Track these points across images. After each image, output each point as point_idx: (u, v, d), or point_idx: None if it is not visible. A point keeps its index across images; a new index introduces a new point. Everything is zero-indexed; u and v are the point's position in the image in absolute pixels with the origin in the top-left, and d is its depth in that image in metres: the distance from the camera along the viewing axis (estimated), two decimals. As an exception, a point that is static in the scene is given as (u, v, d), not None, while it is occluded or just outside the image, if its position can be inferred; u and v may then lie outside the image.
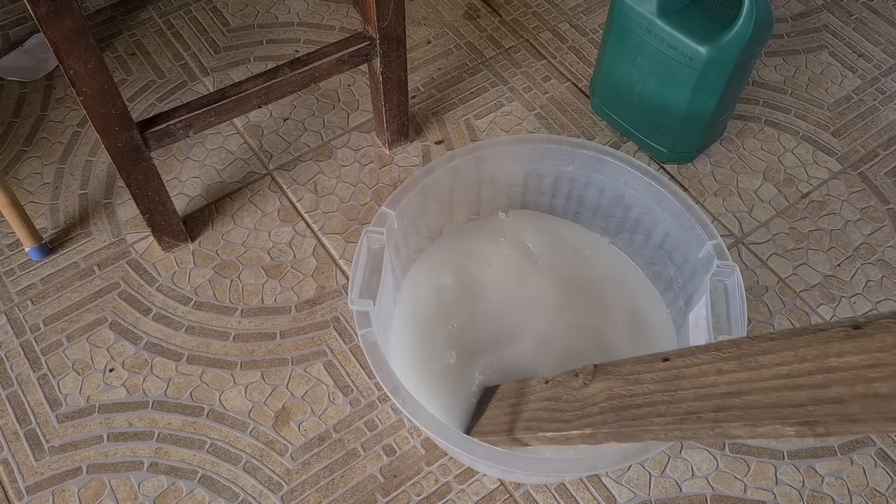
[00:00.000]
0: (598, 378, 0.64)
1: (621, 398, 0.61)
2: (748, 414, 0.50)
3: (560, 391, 0.69)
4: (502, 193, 0.96)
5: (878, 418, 0.43)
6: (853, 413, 0.44)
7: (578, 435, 0.64)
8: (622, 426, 0.60)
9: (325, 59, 0.93)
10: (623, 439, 0.61)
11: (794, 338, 0.48)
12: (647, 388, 0.59)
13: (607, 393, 0.62)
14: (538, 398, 0.72)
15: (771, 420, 0.48)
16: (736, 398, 0.51)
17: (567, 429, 0.65)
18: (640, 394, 0.59)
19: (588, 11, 1.30)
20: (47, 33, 0.71)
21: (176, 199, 1.06)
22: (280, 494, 0.84)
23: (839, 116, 1.17)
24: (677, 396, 0.56)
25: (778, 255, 1.03)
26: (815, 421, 0.46)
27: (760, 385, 0.50)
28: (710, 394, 0.53)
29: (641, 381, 0.60)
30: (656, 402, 0.57)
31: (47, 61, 1.20)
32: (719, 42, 0.92)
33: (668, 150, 1.08)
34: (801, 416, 0.47)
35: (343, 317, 0.96)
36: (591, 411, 0.63)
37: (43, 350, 0.93)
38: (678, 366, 0.57)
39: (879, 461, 0.87)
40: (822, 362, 0.46)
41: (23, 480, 0.84)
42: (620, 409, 0.60)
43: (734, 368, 0.52)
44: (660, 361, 0.59)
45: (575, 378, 0.67)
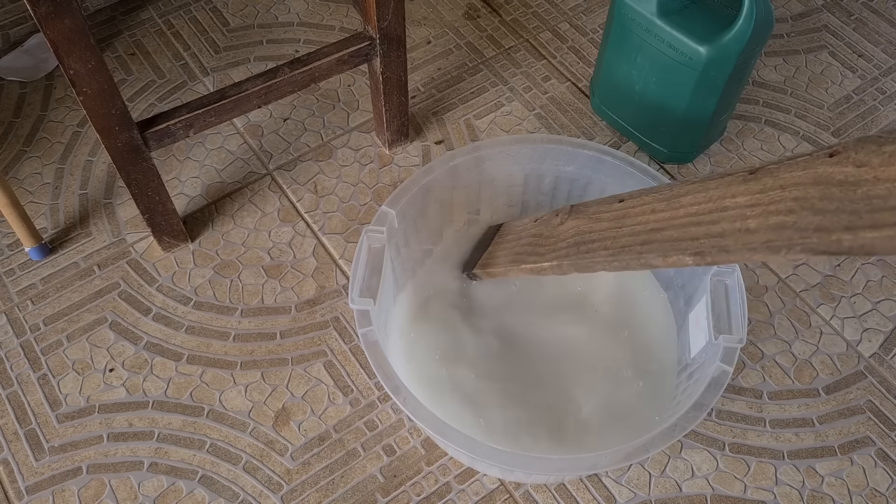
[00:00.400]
0: (573, 216, 0.74)
1: (582, 234, 0.70)
2: (662, 247, 0.58)
3: (542, 228, 0.79)
4: (502, 193, 0.96)
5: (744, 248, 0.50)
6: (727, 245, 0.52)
7: (549, 266, 0.73)
8: (579, 258, 0.69)
9: (325, 59, 0.93)
10: (580, 269, 0.70)
11: (709, 181, 0.57)
12: (602, 226, 0.68)
13: (575, 230, 0.72)
14: (526, 234, 0.82)
15: (676, 252, 0.57)
16: (658, 233, 0.60)
17: (541, 261, 0.74)
18: (597, 230, 0.68)
19: (588, 11, 1.30)
20: (47, 33, 0.71)
21: (176, 199, 1.06)
22: (280, 494, 0.84)
23: (839, 116, 1.17)
24: (620, 233, 0.64)
25: (778, 255, 1.03)
26: (704, 251, 0.54)
27: (676, 222, 0.58)
28: (642, 230, 0.62)
29: (600, 219, 0.69)
30: (605, 237, 0.66)
31: (47, 61, 1.20)
32: (719, 42, 0.92)
33: (667, 150, 1.08)
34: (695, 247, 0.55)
35: (343, 317, 0.96)
36: (559, 246, 0.73)
37: (43, 350, 0.93)
38: (627, 206, 0.66)
39: (879, 461, 0.87)
40: (720, 202, 0.54)
41: (23, 480, 0.84)
42: (580, 244, 0.70)
43: (663, 209, 0.61)
44: (617, 202, 0.68)
45: (555, 217, 0.77)
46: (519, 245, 0.82)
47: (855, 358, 0.95)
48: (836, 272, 1.02)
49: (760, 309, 0.98)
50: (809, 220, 0.46)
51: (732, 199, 0.53)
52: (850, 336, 0.96)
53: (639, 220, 0.63)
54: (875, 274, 1.02)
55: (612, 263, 0.64)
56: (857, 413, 0.91)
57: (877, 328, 0.97)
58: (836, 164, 0.46)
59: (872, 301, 0.99)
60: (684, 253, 0.56)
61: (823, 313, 0.98)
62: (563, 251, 0.72)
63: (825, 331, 0.97)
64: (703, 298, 0.81)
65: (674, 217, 0.59)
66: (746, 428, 0.89)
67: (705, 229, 0.54)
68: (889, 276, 1.01)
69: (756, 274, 1.01)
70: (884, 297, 1.00)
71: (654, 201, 0.62)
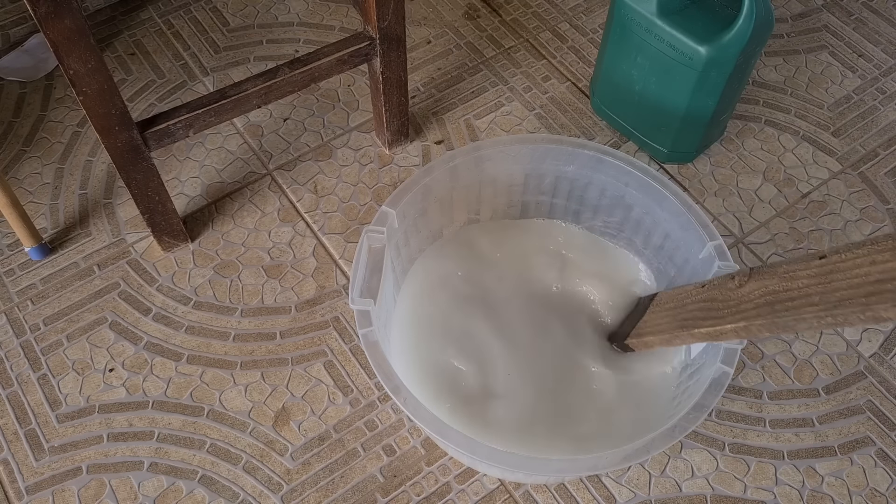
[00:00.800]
0: (754, 278, 0.68)
1: (776, 293, 0.64)
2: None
3: (716, 293, 0.73)
4: (502, 193, 0.96)
5: None
6: None
7: (732, 329, 0.68)
8: (775, 317, 0.63)
9: (325, 59, 0.93)
10: (776, 330, 0.64)
11: None
12: (802, 283, 0.62)
13: (762, 290, 0.66)
14: (694, 300, 0.76)
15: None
16: (887, 283, 0.54)
17: (722, 324, 0.69)
18: (795, 288, 0.62)
19: (588, 11, 1.30)
20: (47, 33, 0.71)
21: (176, 199, 1.06)
22: (280, 494, 0.84)
23: (839, 116, 1.17)
24: (831, 287, 0.59)
25: (778, 255, 1.03)
26: None
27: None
28: (863, 282, 0.56)
29: (797, 277, 0.62)
30: (810, 293, 0.60)
31: (47, 61, 1.20)
32: (719, 42, 0.92)
33: (668, 150, 1.08)
34: None
35: (343, 317, 0.96)
36: (745, 307, 0.67)
37: (43, 350, 0.93)
38: (834, 261, 0.60)
39: (879, 461, 0.87)
40: None
41: (23, 480, 0.84)
42: (774, 303, 0.64)
43: (888, 259, 0.54)
44: (816, 259, 0.62)
45: (731, 280, 0.70)
46: (686, 311, 0.77)
47: (855, 358, 0.95)
48: (836, 272, 1.02)
49: (760, 309, 0.98)
50: None
51: None
52: (850, 336, 0.96)
53: (854, 272, 0.57)
54: (875, 274, 1.01)
55: (825, 319, 0.59)
56: (857, 413, 0.91)
57: (877, 328, 0.97)
58: None
59: (872, 301, 0.99)
60: None
61: (823, 313, 0.98)
62: (752, 311, 0.66)
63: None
64: (703, 298, 0.81)
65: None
66: (746, 428, 0.89)
67: None
68: (889, 276, 1.01)
69: (756, 274, 1.01)
70: (884, 297, 1.00)
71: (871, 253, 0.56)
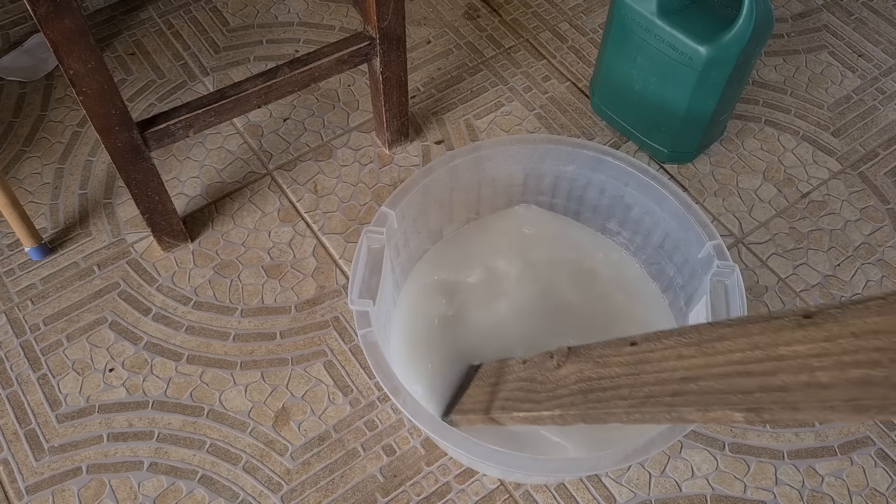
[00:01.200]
0: (572, 360, 0.66)
1: (589, 381, 0.62)
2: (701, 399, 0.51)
3: (535, 372, 0.70)
4: (502, 193, 0.96)
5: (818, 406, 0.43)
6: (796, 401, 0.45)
7: (549, 416, 0.66)
8: (588, 408, 0.61)
9: (325, 59, 0.93)
10: (589, 421, 0.62)
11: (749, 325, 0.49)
12: (614, 372, 0.60)
13: (577, 375, 0.64)
14: (515, 378, 0.73)
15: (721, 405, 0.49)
16: (692, 383, 0.52)
17: (539, 409, 0.67)
18: (607, 377, 0.60)
19: (588, 11, 1.30)
20: (47, 33, 0.71)
21: (176, 199, 1.06)
22: (280, 494, 0.84)
23: (839, 116, 1.17)
24: (639, 380, 0.57)
25: (778, 254, 1.03)
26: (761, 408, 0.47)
27: (715, 371, 0.51)
28: (669, 378, 0.54)
29: (609, 363, 0.61)
30: (620, 385, 0.59)
31: (47, 61, 1.20)
32: (719, 42, 0.92)
33: (667, 150, 1.08)
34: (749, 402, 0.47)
35: (343, 317, 0.96)
36: (561, 393, 0.65)
37: (43, 350, 0.93)
38: (643, 350, 0.58)
39: (879, 461, 0.87)
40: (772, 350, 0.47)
41: (23, 480, 0.84)
42: (588, 391, 0.62)
43: (693, 354, 0.53)
44: (627, 345, 0.60)
45: (550, 360, 0.68)
46: (507, 390, 0.74)
47: (855, 358, 0.94)
48: (836, 272, 1.02)
49: (760, 309, 0.98)
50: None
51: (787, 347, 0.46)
52: (849, 336, 0.96)
53: (662, 366, 0.55)
54: (875, 274, 1.02)
55: (633, 416, 0.57)
56: (856, 413, 0.90)
57: (877, 328, 0.97)
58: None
59: (872, 301, 0.99)
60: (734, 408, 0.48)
61: (823, 313, 0.98)
62: (567, 399, 0.64)
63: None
64: (702, 299, 0.81)
65: (710, 365, 0.51)
66: (746, 428, 0.89)
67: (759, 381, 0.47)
68: (889, 276, 1.01)
69: (756, 274, 1.01)
70: (884, 297, 0.99)
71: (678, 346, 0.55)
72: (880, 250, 1.04)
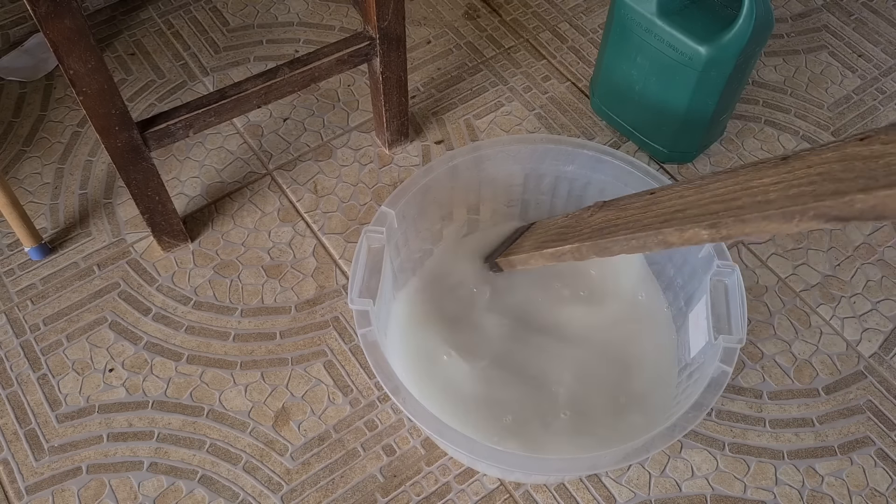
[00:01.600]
0: (604, 209, 0.76)
1: (610, 220, 0.72)
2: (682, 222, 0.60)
3: (572, 221, 0.81)
4: (502, 193, 0.96)
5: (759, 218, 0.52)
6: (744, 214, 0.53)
7: (569, 249, 0.76)
8: (599, 239, 0.71)
9: (325, 59, 0.93)
10: (598, 251, 0.71)
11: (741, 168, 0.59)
12: (629, 213, 0.70)
13: (602, 218, 0.74)
14: (555, 227, 0.84)
15: (692, 225, 0.58)
16: (680, 213, 0.62)
17: (563, 245, 0.77)
18: (623, 216, 0.70)
19: (588, 11, 1.30)
20: (47, 33, 0.71)
21: (176, 199, 1.06)
22: (280, 494, 0.84)
23: (839, 116, 1.17)
24: (645, 215, 0.67)
25: (778, 254, 1.03)
26: (720, 223, 0.56)
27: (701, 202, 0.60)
28: (665, 212, 0.64)
29: (629, 208, 0.71)
30: (629, 221, 0.68)
31: (47, 61, 1.20)
32: (719, 42, 0.92)
33: (667, 150, 1.08)
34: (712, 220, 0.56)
35: (343, 317, 0.96)
36: (585, 231, 0.75)
37: (43, 350, 0.93)
38: (657, 195, 0.68)
39: (879, 461, 0.87)
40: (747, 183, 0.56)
41: (23, 480, 0.84)
42: (604, 227, 0.72)
43: (691, 194, 0.63)
44: (647, 194, 0.70)
45: (587, 211, 0.79)
46: (546, 235, 0.85)
47: (855, 358, 0.95)
48: (836, 272, 1.02)
49: (760, 309, 0.98)
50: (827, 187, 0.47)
51: (759, 180, 0.55)
52: (850, 336, 0.96)
53: (665, 205, 0.65)
54: (875, 274, 1.02)
55: (631, 242, 0.66)
56: (856, 413, 0.91)
57: (877, 328, 0.97)
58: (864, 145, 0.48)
59: (872, 301, 0.99)
60: (700, 225, 0.57)
61: (823, 313, 0.98)
62: (587, 235, 0.74)
63: (825, 331, 0.97)
64: (702, 298, 0.81)
65: (699, 199, 0.61)
66: (746, 428, 0.89)
67: (726, 205, 0.56)
68: (889, 276, 1.01)
69: (756, 274, 1.01)
70: (884, 297, 1.00)
71: (683, 189, 0.64)
72: (880, 250, 1.04)
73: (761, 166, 0.56)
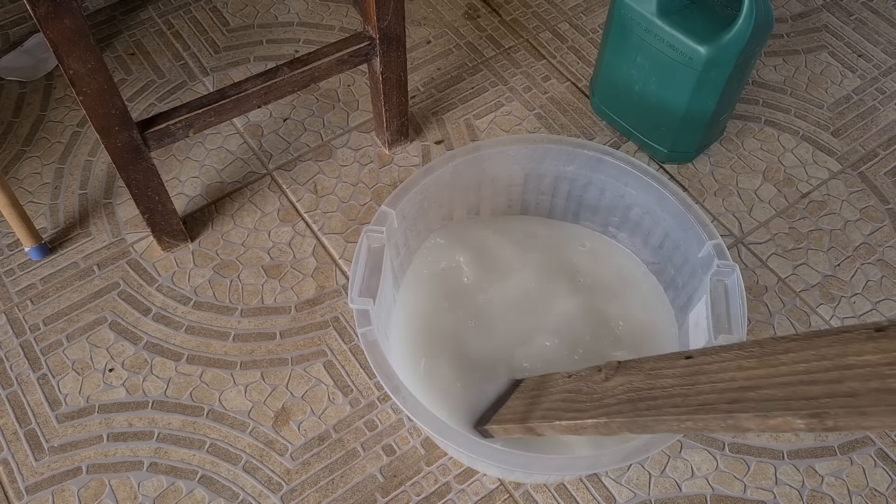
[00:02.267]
0: (621, 373, 0.66)
1: (640, 391, 0.62)
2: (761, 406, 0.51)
3: (581, 384, 0.71)
4: (502, 193, 0.96)
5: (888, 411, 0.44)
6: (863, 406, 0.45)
7: (593, 424, 0.65)
8: (637, 415, 0.61)
9: (324, 59, 0.93)
10: (636, 429, 0.62)
11: (817, 338, 0.49)
12: (667, 383, 0.60)
13: (627, 386, 0.64)
14: (559, 390, 0.74)
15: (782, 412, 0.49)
16: (751, 392, 0.52)
17: (583, 417, 0.67)
18: (659, 387, 0.60)
19: (588, 11, 1.30)
20: (47, 33, 0.71)
21: (176, 199, 1.06)
22: (280, 494, 0.84)
23: (839, 116, 1.17)
24: (694, 390, 0.57)
25: (778, 254, 1.03)
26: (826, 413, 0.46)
27: (777, 380, 0.51)
28: (727, 388, 0.54)
29: (662, 375, 0.61)
30: (673, 395, 0.59)
31: (47, 61, 1.20)
32: (719, 42, 0.92)
33: (667, 150, 1.08)
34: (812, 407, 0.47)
35: (343, 316, 0.96)
36: (608, 402, 0.65)
37: (43, 350, 0.93)
38: (700, 363, 0.58)
39: (879, 461, 0.87)
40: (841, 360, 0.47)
41: (23, 480, 0.84)
42: (637, 400, 0.62)
43: (754, 366, 0.53)
44: (683, 359, 0.60)
45: (598, 373, 0.69)
46: (549, 401, 0.74)
47: (855, 358, 0.94)
48: (836, 272, 1.02)
49: (760, 309, 0.98)
50: None
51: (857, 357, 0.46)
52: (849, 336, 0.96)
53: (720, 377, 0.56)
54: (875, 274, 1.02)
55: (686, 423, 0.57)
56: (856, 413, 0.90)
57: (877, 328, 0.97)
58: None
59: (872, 301, 0.99)
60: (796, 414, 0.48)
61: (823, 313, 0.98)
62: (615, 407, 0.64)
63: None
64: (702, 298, 0.81)
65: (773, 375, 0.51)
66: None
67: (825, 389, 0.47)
68: (889, 276, 1.01)
69: (756, 274, 1.01)
70: (883, 297, 1.00)
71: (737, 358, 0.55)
72: (880, 250, 1.04)
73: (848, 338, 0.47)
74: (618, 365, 0.67)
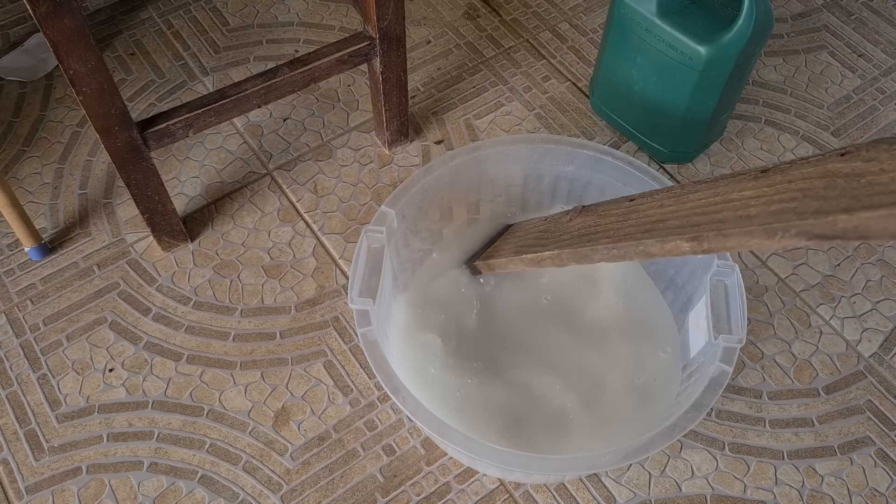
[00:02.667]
0: (582, 215, 0.76)
1: (588, 227, 0.72)
2: (662, 233, 0.60)
3: (551, 225, 0.81)
4: (502, 193, 0.96)
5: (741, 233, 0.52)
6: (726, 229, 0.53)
7: (549, 255, 0.75)
8: (580, 246, 0.71)
9: (324, 59, 0.93)
10: (579, 259, 0.71)
11: (720, 180, 0.59)
12: (608, 220, 0.70)
13: (581, 224, 0.74)
14: (534, 230, 0.84)
15: (674, 237, 0.58)
16: (661, 223, 0.62)
17: (542, 251, 0.76)
18: (602, 223, 0.70)
19: (588, 11, 1.30)
20: (47, 33, 0.71)
21: (175, 199, 1.06)
22: (280, 494, 0.84)
23: (839, 116, 1.17)
24: (625, 224, 0.66)
25: (778, 254, 1.03)
26: (701, 236, 0.56)
27: (681, 213, 0.61)
28: (646, 222, 0.64)
29: (608, 215, 0.71)
30: (609, 229, 0.68)
31: (47, 61, 1.20)
32: (719, 42, 0.92)
33: (667, 150, 1.08)
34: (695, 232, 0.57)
35: (343, 317, 0.96)
36: (564, 238, 0.75)
37: (43, 350, 0.93)
38: (637, 203, 0.68)
39: (879, 461, 0.87)
40: (727, 196, 0.57)
41: (23, 480, 0.84)
42: (584, 235, 0.72)
43: (671, 203, 0.63)
44: (627, 201, 0.70)
45: (565, 215, 0.80)
46: (525, 239, 0.84)
47: (855, 358, 0.95)
48: (835, 272, 1.02)
49: (760, 309, 0.98)
50: (809, 204, 0.48)
51: (740, 193, 0.55)
52: (849, 336, 0.96)
53: (645, 214, 0.65)
54: (875, 274, 1.02)
55: (612, 251, 0.66)
56: (856, 413, 0.91)
57: (876, 328, 0.97)
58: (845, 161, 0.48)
59: (872, 301, 0.99)
60: (682, 238, 0.58)
61: (823, 313, 0.98)
62: (566, 241, 0.73)
63: (825, 331, 0.97)
64: (702, 298, 0.81)
65: (679, 210, 0.61)
66: (746, 428, 0.89)
67: (707, 218, 0.56)
68: (889, 276, 1.01)
69: (756, 274, 1.01)
70: (883, 296, 1.00)
71: (663, 198, 0.64)
72: (880, 250, 1.04)
73: (741, 178, 0.57)
74: (581, 208, 0.77)
